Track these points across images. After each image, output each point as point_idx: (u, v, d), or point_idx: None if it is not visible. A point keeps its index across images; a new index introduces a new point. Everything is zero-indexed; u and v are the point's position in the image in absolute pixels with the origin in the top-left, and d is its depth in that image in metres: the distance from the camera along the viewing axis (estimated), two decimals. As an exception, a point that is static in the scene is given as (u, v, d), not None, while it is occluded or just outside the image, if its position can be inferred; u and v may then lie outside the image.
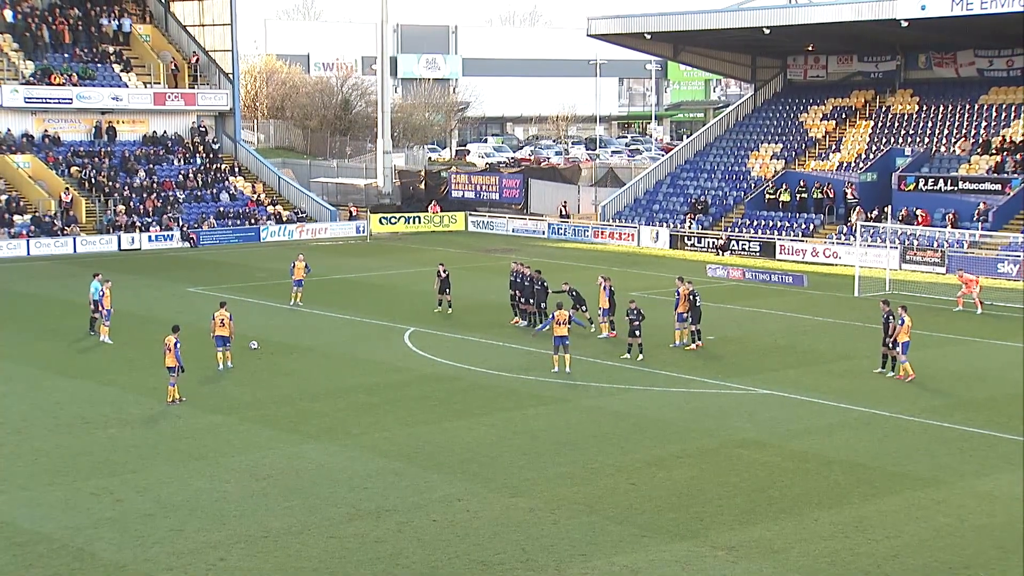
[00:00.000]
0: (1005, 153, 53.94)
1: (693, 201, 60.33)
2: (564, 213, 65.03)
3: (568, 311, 29.86)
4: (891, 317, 29.16)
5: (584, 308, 34.09)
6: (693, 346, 32.28)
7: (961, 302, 39.07)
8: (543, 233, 62.43)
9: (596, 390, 28.06)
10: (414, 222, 65.41)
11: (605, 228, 60.74)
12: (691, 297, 32.37)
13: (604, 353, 31.88)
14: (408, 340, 33.95)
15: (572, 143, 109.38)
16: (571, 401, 26.98)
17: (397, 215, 66.12)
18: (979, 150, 55.06)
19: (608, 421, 25.22)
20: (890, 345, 29.25)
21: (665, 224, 59.37)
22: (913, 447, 23.48)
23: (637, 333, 30.89)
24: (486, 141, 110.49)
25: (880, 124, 60.65)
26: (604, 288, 33.89)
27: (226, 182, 64.85)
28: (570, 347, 29.52)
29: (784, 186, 57.78)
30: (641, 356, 30.87)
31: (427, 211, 66.47)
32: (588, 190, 69.95)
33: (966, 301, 39.00)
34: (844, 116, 62.55)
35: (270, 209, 63.42)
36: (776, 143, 62.93)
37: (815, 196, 56.68)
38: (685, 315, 32.46)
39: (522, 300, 35.94)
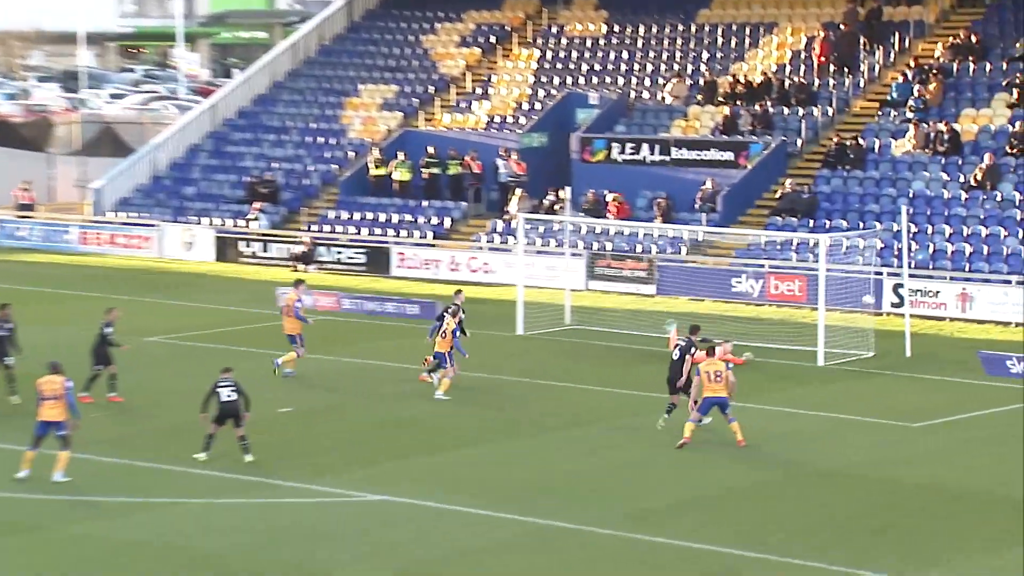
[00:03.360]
0: (738, 101, 57.18)
1: (252, 181, 60.74)
2: (26, 201, 64.08)
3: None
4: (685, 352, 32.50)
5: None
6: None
7: None
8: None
9: (94, 507, 27.76)
10: None
11: (102, 228, 60.28)
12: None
13: (107, 444, 31.59)
14: None
15: (38, 79, 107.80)
16: (48, 528, 26.58)
17: None
18: (699, 96, 58.26)
19: (108, 556, 25.04)
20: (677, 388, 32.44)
21: (208, 220, 59.53)
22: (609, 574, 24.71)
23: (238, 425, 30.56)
24: None
25: (550, 54, 63.32)
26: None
27: None
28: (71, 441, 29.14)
29: (402, 155, 59.10)
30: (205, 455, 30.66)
31: None
32: (68, 161, 69.66)
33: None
34: (494, 41, 64.93)
35: None
36: (387, 83, 64.51)
37: (452, 172, 58.42)
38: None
39: None
